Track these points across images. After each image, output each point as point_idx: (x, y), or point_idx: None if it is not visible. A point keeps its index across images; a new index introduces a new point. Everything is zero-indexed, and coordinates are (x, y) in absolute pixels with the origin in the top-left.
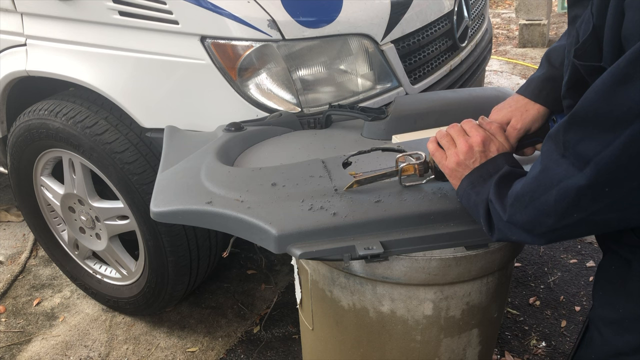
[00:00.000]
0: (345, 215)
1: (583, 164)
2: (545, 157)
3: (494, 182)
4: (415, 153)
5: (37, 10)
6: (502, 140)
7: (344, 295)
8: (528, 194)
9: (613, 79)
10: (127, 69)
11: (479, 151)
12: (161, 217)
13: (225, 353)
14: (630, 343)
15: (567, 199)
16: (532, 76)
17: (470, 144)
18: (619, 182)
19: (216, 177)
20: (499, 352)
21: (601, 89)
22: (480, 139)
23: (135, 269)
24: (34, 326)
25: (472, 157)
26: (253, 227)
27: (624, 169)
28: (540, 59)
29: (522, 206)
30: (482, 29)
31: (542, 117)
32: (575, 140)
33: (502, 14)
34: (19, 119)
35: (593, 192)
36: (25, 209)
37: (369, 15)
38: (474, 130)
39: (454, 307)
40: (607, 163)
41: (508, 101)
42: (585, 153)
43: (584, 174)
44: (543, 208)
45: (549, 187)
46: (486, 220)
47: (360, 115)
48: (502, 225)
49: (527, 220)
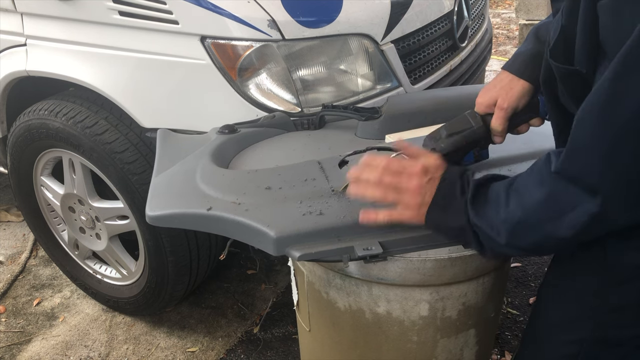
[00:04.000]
0: (344, 216)
1: (593, 192)
2: (549, 181)
3: (468, 205)
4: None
5: (37, 10)
6: (427, 153)
7: (340, 296)
8: (533, 221)
9: (601, 101)
10: (127, 69)
11: (427, 180)
12: (157, 221)
13: (225, 353)
14: (561, 316)
15: (582, 225)
16: (518, 51)
17: (416, 181)
18: (630, 198)
19: (212, 180)
20: (499, 352)
21: (591, 113)
22: (420, 168)
23: (135, 269)
24: (34, 326)
25: (424, 191)
26: (251, 229)
27: (630, 186)
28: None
29: (527, 231)
30: (482, 29)
31: (529, 93)
32: (578, 170)
33: (502, 14)
34: (19, 119)
35: (607, 214)
36: (25, 209)
37: (369, 15)
38: (404, 164)
39: (450, 308)
40: (614, 187)
41: (493, 81)
42: (592, 183)
43: (595, 201)
44: (552, 235)
45: (560, 213)
46: (477, 243)
47: (354, 115)
48: (499, 248)
49: (532, 243)
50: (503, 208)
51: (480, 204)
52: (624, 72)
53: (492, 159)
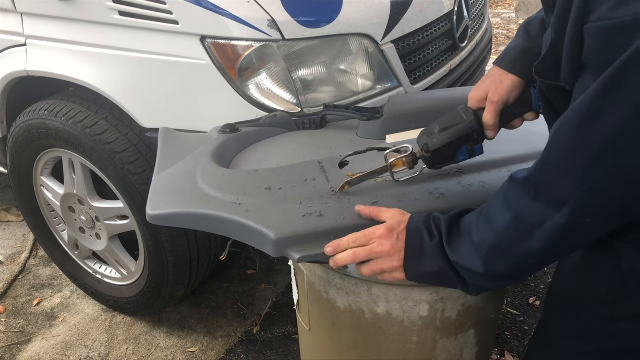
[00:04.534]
0: (343, 217)
1: (560, 204)
2: (514, 202)
3: (445, 246)
4: (402, 147)
5: (37, 10)
6: (388, 210)
7: (340, 296)
8: (505, 243)
9: (581, 117)
10: (127, 69)
11: (396, 238)
12: (157, 220)
13: (225, 353)
14: (575, 327)
15: (552, 239)
16: (509, 46)
17: (387, 244)
18: (599, 212)
19: (212, 180)
20: (499, 352)
21: (570, 127)
22: (384, 230)
23: (135, 269)
24: (34, 326)
25: (399, 249)
26: (251, 230)
27: (601, 201)
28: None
29: (501, 255)
30: (482, 29)
31: (519, 87)
32: (548, 182)
33: (502, 14)
34: (19, 119)
35: (576, 226)
36: (25, 209)
37: (369, 15)
38: (369, 232)
39: (449, 309)
40: (584, 200)
41: (484, 77)
42: (562, 194)
43: (563, 214)
44: (527, 253)
45: (529, 232)
46: (460, 282)
47: (356, 115)
48: (479, 279)
49: (509, 268)
50: (475, 237)
51: (455, 241)
52: (607, 91)
53: (492, 160)
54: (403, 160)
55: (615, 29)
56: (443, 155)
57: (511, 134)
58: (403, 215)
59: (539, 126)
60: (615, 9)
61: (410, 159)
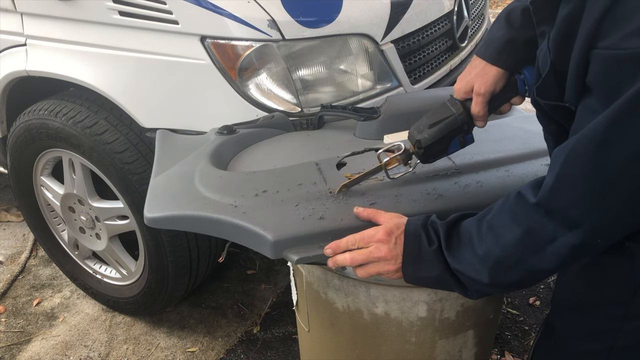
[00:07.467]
0: (341, 219)
1: (573, 225)
2: (524, 218)
3: (445, 253)
4: (395, 145)
5: (37, 10)
6: (385, 214)
7: (338, 297)
8: (513, 257)
9: (593, 145)
10: (127, 69)
11: (394, 242)
12: (155, 222)
13: (225, 353)
14: (587, 328)
15: (562, 257)
16: (490, 36)
17: (384, 248)
18: (610, 232)
19: (210, 182)
20: (499, 352)
21: (582, 156)
22: (382, 234)
23: (135, 269)
24: (34, 326)
25: (396, 253)
26: (249, 232)
27: (613, 223)
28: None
29: (508, 268)
30: (482, 29)
31: (504, 77)
32: (560, 208)
33: None
34: (19, 119)
35: (587, 245)
36: (25, 209)
37: (369, 15)
38: (367, 235)
39: (448, 309)
40: (596, 224)
41: (468, 67)
42: (574, 219)
43: (575, 234)
44: (536, 268)
45: (539, 248)
46: (459, 287)
47: (353, 116)
48: (484, 288)
49: (516, 280)
50: (479, 248)
51: (455, 248)
52: (620, 120)
53: (490, 160)
54: (397, 157)
55: (625, 59)
56: (436, 149)
57: (508, 133)
58: (400, 218)
59: (535, 125)
60: (627, 39)
61: (404, 156)
